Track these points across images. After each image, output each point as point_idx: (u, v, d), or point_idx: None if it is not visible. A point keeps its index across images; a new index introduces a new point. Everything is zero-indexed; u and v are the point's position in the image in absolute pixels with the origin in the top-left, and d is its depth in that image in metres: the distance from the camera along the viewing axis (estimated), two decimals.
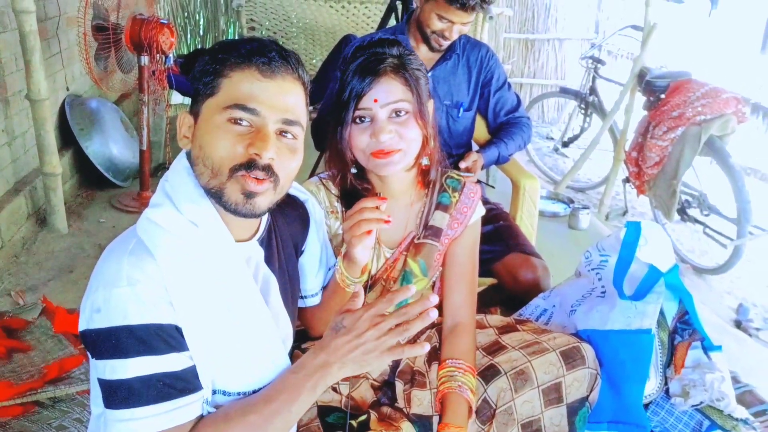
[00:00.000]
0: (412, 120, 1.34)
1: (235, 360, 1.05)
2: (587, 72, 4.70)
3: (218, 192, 1.02)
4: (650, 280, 1.52)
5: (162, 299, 0.96)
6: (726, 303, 3.42)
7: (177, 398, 0.98)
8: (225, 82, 1.01)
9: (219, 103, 1.01)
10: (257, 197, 1.01)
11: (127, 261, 0.96)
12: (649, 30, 3.86)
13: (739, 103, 3.35)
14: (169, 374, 0.97)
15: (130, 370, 0.95)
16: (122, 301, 0.94)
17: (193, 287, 1.00)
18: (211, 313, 1.02)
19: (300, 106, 1.06)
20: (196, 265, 1.01)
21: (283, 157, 1.03)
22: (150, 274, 0.96)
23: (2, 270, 2.79)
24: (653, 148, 3.55)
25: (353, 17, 4.39)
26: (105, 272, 0.97)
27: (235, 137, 1.00)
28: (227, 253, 1.05)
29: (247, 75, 1.01)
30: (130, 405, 0.95)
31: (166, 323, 0.96)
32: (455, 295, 1.50)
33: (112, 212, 3.53)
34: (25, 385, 1.66)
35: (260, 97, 1.00)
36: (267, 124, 1.01)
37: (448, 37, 2.07)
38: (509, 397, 1.34)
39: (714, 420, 1.48)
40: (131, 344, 0.94)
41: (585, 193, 4.81)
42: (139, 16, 3.37)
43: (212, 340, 1.01)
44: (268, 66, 1.01)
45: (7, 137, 3.04)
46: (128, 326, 0.94)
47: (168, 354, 0.96)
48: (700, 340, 1.54)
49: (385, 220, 1.22)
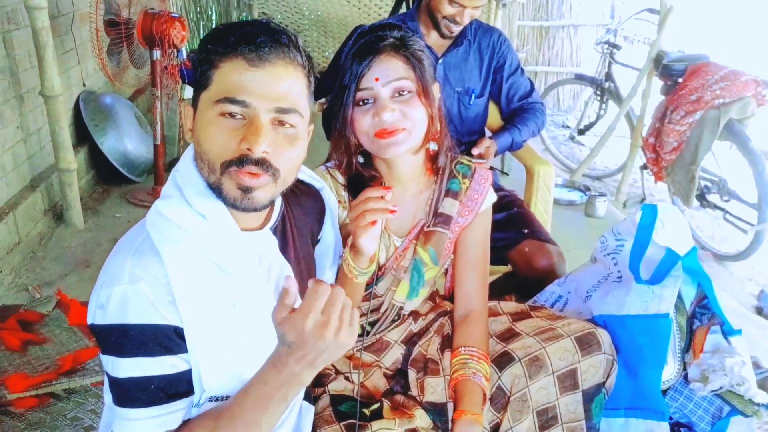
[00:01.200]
0: (415, 98, 1.31)
1: (240, 360, 1.03)
2: (603, 58, 4.63)
3: (217, 188, 1.00)
4: (667, 264, 1.49)
5: (163, 300, 0.95)
6: (747, 289, 3.36)
7: (168, 403, 0.97)
8: (216, 73, 0.98)
9: (211, 97, 0.99)
10: (255, 191, 0.99)
11: (132, 259, 0.96)
12: (665, 13, 3.79)
13: (758, 86, 3.28)
14: (161, 378, 0.96)
15: (123, 369, 0.95)
16: (121, 299, 0.93)
17: (198, 284, 0.98)
18: (215, 311, 1.00)
19: (296, 91, 1.01)
20: (203, 260, 1.00)
21: (280, 148, 1.00)
22: (153, 273, 0.95)
23: (19, 265, 2.82)
24: (671, 134, 3.49)
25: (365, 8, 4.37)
26: (110, 268, 0.97)
27: (228, 132, 0.97)
28: (235, 244, 1.04)
29: (235, 65, 0.97)
30: (125, 405, 0.96)
31: (163, 324, 0.95)
32: (467, 283, 1.48)
33: (128, 207, 3.56)
34: (40, 376, 1.67)
35: (249, 88, 0.96)
36: (259, 115, 0.97)
37: (459, 22, 2.04)
38: (524, 384, 1.32)
39: (734, 405, 1.44)
40: (126, 344, 0.94)
41: (602, 180, 4.76)
42: (150, 11, 3.38)
43: (216, 339, 1.00)
44: (256, 53, 0.96)
45: (23, 134, 3.07)
46: (124, 325, 0.93)
47: (162, 356, 0.96)
48: (719, 324, 1.51)
49: (390, 210, 1.19)
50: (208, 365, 1.00)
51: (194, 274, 0.98)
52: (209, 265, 1.00)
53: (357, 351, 1.45)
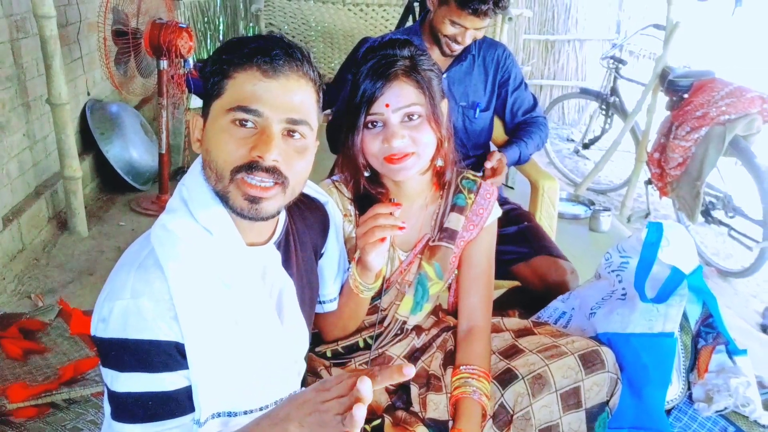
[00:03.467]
0: (425, 124, 1.31)
1: (242, 376, 1.02)
2: (608, 72, 4.63)
3: (224, 196, 1.00)
4: (673, 282, 1.48)
5: (164, 316, 0.95)
6: (752, 307, 3.34)
7: (165, 419, 0.97)
8: (229, 83, 1.00)
9: (223, 105, 1.00)
10: (263, 202, 0.99)
11: (135, 274, 0.96)
12: (671, 29, 3.80)
13: (764, 102, 3.27)
14: (159, 394, 0.96)
15: (122, 384, 0.95)
16: (122, 313, 0.93)
17: (201, 300, 0.98)
18: (218, 328, 1.00)
19: (307, 104, 1.03)
20: (207, 275, 0.99)
21: (290, 158, 1.01)
22: (155, 288, 0.95)
23: (23, 273, 2.81)
24: (676, 149, 3.48)
25: (371, 20, 4.39)
26: (114, 282, 0.97)
27: (239, 140, 0.98)
28: (239, 259, 1.04)
29: (250, 75, 0.98)
30: (121, 419, 0.96)
31: (164, 340, 0.95)
32: (471, 298, 1.48)
33: (132, 215, 3.56)
34: (40, 386, 1.67)
35: (263, 98, 0.98)
36: (271, 125, 0.98)
37: (461, 42, 2.04)
38: (527, 402, 1.31)
39: (739, 426, 1.43)
40: (125, 358, 0.94)
41: (606, 195, 4.75)
42: (158, 21, 3.40)
43: (218, 355, 0.99)
44: (270, 65, 0.98)
45: (29, 141, 3.08)
46: (125, 339, 0.93)
47: (161, 373, 0.95)
48: (724, 343, 1.50)
49: (399, 227, 1.19)
50: (210, 381, 0.99)
51: (197, 290, 0.98)
52: (213, 281, 1.00)
53: (360, 365, 1.45)
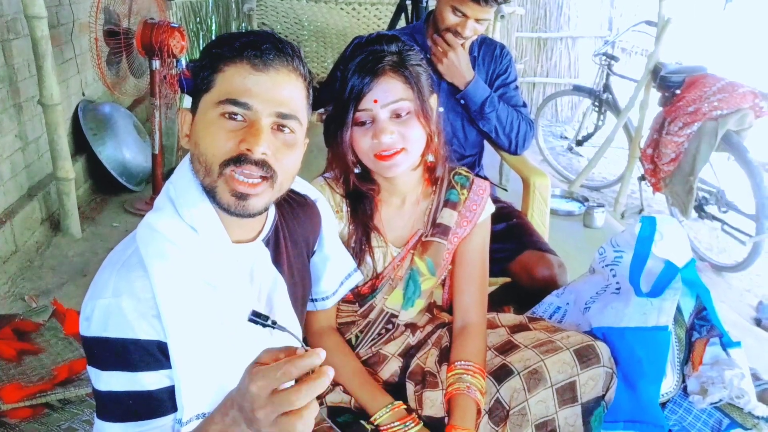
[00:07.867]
0: (413, 119, 1.31)
1: (227, 377, 1.00)
2: (601, 69, 4.65)
3: (212, 191, 1.00)
4: (667, 277, 1.48)
5: (145, 314, 0.94)
6: (746, 301, 3.35)
7: (145, 419, 0.96)
8: (219, 77, 0.99)
9: (213, 99, 0.99)
10: (250, 198, 0.99)
11: (117, 273, 0.96)
12: (663, 25, 3.81)
13: (756, 98, 3.29)
14: (140, 393, 0.95)
15: (104, 382, 0.95)
16: (104, 312, 0.93)
17: (186, 300, 0.97)
18: (202, 327, 0.99)
19: (296, 99, 1.02)
20: (192, 275, 0.99)
21: (279, 153, 1.00)
22: (137, 287, 0.95)
23: (16, 274, 2.80)
24: (669, 145, 3.50)
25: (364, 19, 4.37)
26: (98, 281, 0.97)
27: (228, 133, 0.98)
28: (225, 258, 1.03)
29: (240, 69, 0.98)
30: (104, 417, 0.96)
31: (145, 339, 0.94)
32: (465, 295, 1.48)
33: (125, 216, 3.55)
34: (35, 387, 1.66)
35: (253, 91, 0.98)
36: (260, 119, 0.98)
37: (461, 33, 2.03)
38: (522, 398, 1.31)
39: (734, 418, 1.44)
40: (106, 357, 0.94)
41: (600, 191, 4.76)
42: (150, 21, 3.38)
43: (202, 355, 0.99)
44: (261, 59, 0.98)
45: (21, 142, 3.06)
46: (105, 338, 0.93)
47: (142, 372, 0.95)
48: (718, 336, 1.50)
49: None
50: (193, 381, 0.98)
51: (182, 289, 0.97)
52: (198, 280, 0.99)
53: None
